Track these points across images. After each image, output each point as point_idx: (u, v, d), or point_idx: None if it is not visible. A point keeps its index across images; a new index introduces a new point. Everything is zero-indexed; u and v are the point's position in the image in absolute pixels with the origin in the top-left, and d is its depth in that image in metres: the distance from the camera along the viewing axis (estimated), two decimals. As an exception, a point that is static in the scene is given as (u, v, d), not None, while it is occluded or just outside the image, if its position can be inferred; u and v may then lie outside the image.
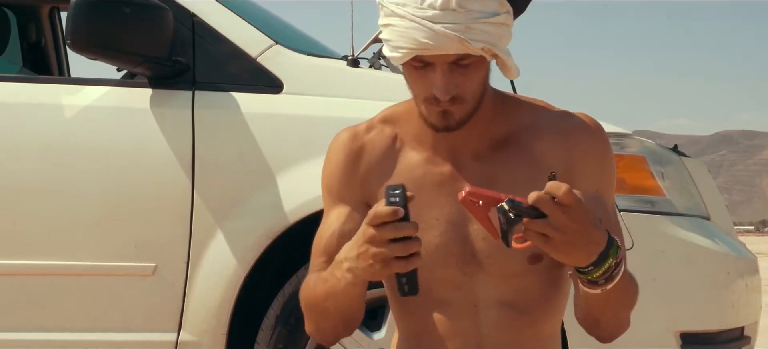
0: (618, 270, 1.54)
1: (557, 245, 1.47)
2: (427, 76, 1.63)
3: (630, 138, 2.92)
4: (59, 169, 2.84)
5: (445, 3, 1.57)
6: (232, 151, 2.80)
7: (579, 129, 1.71)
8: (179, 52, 2.85)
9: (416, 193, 1.66)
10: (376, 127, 1.77)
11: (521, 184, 1.65)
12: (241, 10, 3.04)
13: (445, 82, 1.62)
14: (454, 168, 1.71)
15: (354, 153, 1.76)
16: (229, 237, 2.76)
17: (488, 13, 1.60)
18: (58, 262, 2.81)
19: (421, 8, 1.58)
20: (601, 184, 1.70)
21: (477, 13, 1.58)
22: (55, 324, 2.82)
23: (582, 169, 1.69)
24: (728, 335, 2.93)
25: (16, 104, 2.91)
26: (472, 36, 1.58)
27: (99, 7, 2.73)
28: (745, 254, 3.05)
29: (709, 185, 3.15)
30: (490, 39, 1.60)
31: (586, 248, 1.49)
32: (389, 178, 1.73)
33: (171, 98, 2.85)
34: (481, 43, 1.59)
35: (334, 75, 2.96)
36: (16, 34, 4.27)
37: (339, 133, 1.81)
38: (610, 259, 1.52)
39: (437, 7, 1.57)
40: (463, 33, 1.57)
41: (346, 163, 1.76)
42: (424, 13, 1.58)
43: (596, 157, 1.71)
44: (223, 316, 2.76)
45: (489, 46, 1.60)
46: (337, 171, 1.77)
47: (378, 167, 1.75)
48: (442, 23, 1.57)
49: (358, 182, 1.76)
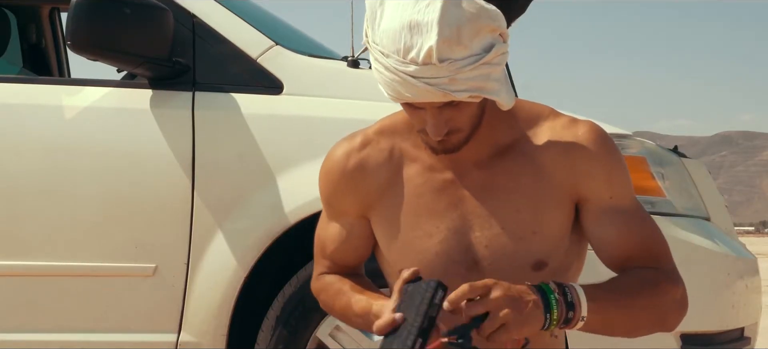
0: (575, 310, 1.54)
1: (513, 323, 1.49)
2: (419, 113, 1.62)
3: (630, 139, 2.92)
4: (59, 170, 2.84)
5: (426, 58, 1.52)
6: (233, 152, 2.80)
7: (582, 140, 1.69)
8: (179, 52, 2.85)
9: (417, 201, 1.66)
10: (371, 141, 1.77)
11: (522, 192, 1.65)
12: (241, 10, 3.04)
13: (435, 123, 1.60)
14: (455, 175, 1.70)
15: (349, 172, 1.77)
16: (230, 238, 2.76)
17: (476, 56, 1.54)
18: (58, 263, 2.81)
19: (404, 62, 1.53)
20: (613, 190, 1.69)
21: (462, 61, 1.53)
22: (55, 325, 2.82)
23: (589, 182, 1.68)
24: (728, 335, 2.93)
25: (16, 105, 2.91)
26: (456, 87, 1.54)
27: (99, 7, 2.73)
28: (746, 255, 3.05)
29: (709, 185, 3.15)
30: (477, 84, 1.55)
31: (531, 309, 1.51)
32: (389, 191, 1.74)
33: (171, 99, 2.85)
34: (466, 92, 1.55)
35: (334, 76, 2.96)
36: (16, 35, 4.27)
37: (333, 149, 1.80)
38: (551, 297, 1.54)
39: (419, 62, 1.52)
40: (446, 86, 1.53)
41: (342, 181, 1.77)
42: (406, 68, 1.53)
43: (602, 166, 1.69)
44: (223, 317, 2.76)
45: (476, 93, 1.56)
46: (334, 189, 1.79)
47: (376, 182, 1.75)
48: (423, 78, 1.53)
49: (355, 199, 1.77)
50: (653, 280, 1.66)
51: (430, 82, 1.53)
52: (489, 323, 1.48)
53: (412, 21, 1.52)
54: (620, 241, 1.68)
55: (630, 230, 1.68)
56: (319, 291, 1.86)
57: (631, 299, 1.62)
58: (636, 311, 1.63)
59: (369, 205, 1.77)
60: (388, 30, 1.55)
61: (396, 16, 1.54)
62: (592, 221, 1.69)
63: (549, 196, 1.68)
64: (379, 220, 1.77)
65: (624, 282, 1.65)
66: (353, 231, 1.79)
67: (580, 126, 1.71)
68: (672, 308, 1.67)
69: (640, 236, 1.69)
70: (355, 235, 1.80)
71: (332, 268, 1.85)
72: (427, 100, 1.56)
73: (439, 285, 1.51)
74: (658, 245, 1.71)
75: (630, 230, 1.68)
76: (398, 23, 1.53)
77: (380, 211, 1.76)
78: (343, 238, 1.80)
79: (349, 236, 1.80)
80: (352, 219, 1.79)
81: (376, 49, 1.58)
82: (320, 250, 1.85)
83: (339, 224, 1.80)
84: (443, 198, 1.70)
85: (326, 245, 1.83)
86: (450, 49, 1.51)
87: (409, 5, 1.53)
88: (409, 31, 1.52)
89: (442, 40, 1.50)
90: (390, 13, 1.55)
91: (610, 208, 1.67)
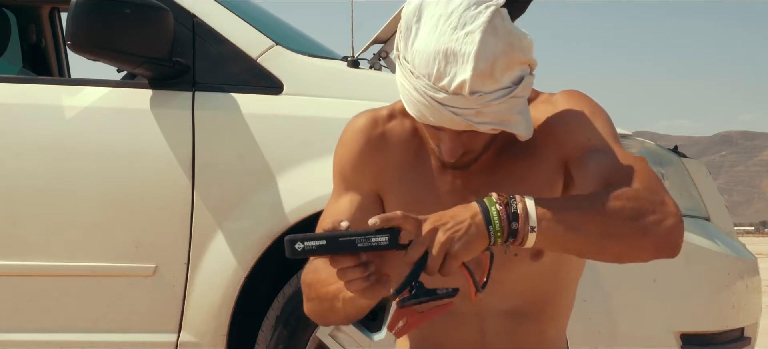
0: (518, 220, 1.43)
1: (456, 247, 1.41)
2: (437, 132, 1.59)
3: (630, 139, 2.92)
4: (59, 169, 2.84)
5: (457, 89, 1.48)
6: (233, 152, 2.80)
7: (559, 107, 1.66)
8: (179, 52, 2.85)
9: (429, 196, 1.63)
10: (397, 117, 1.73)
11: (521, 187, 1.64)
12: (241, 10, 3.04)
13: (452, 147, 1.58)
14: (462, 180, 1.67)
15: (374, 141, 1.71)
16: (230, 238, 2.76)
17: (506, 90, 1.51)
18: (59, 263, 2.81)
19: (433, 88, 1.50)
20: (590, 133, 1.63)
21: (491, 94, 1.50)
22: (55, 325, 2.82)
23: (569, 141, 1.63)
24: (728, 335, 2.93)
25: (16, 105, 2.91)
26: (481, 119, 1.52)
27: (99, 7, 2.73)
28: (746, 255, 3.05)
29: (709, 185, 3.15)
30: (501, 118, 1.53)
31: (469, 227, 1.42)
32: (408, 172, 1.69)
33: (171, 99, 2.85)
34: (489, 125, 1.53)
35: (334, 76, 2.96)
36: (16, 35, 4.27)
37: (358, 117, 1.74)
38: (492, 209, 1.44)
39: (449, 91, 1.49)
40: (472, 117, 1.51)
41: (364, 150, 1.71)
42: (435, 94, 1.50)
43: (578, 118, 1.64)
44: (223, 317, 2.76)
45: (498, 126, 1.54)
46: (353, 157, 1.72)
47: (395, 160, 1.70)
48: (451, 107, 1.50)
49: (374, 171, 1.71)
50: (634, 190, 1.52)
51: (457, 112, 1.50)
52: (432, 259, 1.41)
53: (448, 49, 1.48)
54: (601, 169, 1.58)
55: (612, 158, 1.59)
56: (309, 281, 1.70)
57: (601, 203, 1.48)
58: (605, 216, 1.47)
59: (385, 182, 1.71)
60: (421, 52, 1.51)
61: (432, 40, 1.50)
62: (576, 170, 1.62)
63: (544, 173, 1.65)
64: (392, 200, 1.71)
65: (596, 191, 1.54)
66: (364, 207, 1.70)
67: (556, 97, 1.69)
68: (651, 215, 1.50)
69: (623, 164, 1.58)
70: (365, 210, 1.70)
71: None
72: (449, 127, 1.54)
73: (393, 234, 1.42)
74: (645, 173, 1.58)
75: (612, 158, 1.59)
76: (433, 47, 1.49)
77: (395, 191, 1.71)
78: (353, 211, 1.70)
79: (359, 210, 1.70)
80: (366, 194, 1.71)
81: (406, 67, 1.54)
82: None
83: (350, 195, 1.72)
84: (450, 201, 1.65)
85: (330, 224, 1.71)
86: (482, 82, 1.48)
87: (446, 31, 1.49)
88: (445, 58, 1.49)
89: (477, 73, 1.47)
90: (426, 35, 1.51)
91: (590, 149, 1.61)
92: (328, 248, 1.42)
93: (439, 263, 1.42)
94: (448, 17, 1.50)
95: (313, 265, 1.69)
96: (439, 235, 1.42)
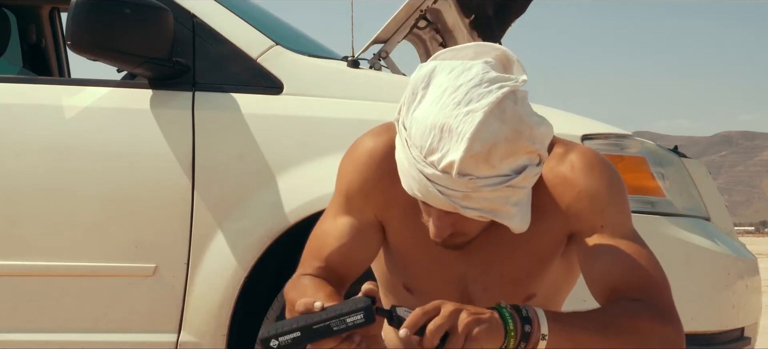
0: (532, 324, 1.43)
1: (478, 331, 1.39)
2: (426, 207, 1.54)
3: (630, 139, 2.92)
4: (59, 169, 2.84)
5: (446, 167, 1.42)
6: (233, 152, 2.80)
7: (573, 174, 1.60)
8: (179, 52, 2.86)
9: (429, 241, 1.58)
10: None
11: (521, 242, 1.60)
12: (241, 10, 3.04)
13: (439, 225, 1.52)
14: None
15: (388, 171, 1.61)
16: (230, 238, 2.76)
17: (502, 177, 1.43)
18: (59, 263, 2.81)
19: (424, 161, 1.44)
20: (604, 219, 1.59)
21: (483, 180, 1.42)
22: (55, 325, 2.82)
23: (580, 217, 1.60)
24: (728, 335, 2.93)
25: (16, 105, 2.91)
26: (468, 204, 1.45)
27: (99, 7, 2.73)
28: (746, 255, 3.05)
29: (709, 185, 3.15)
30: (492, 206, 1.46)
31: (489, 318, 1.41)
32: (409, 215, 1.63)
33: (171, 99, 2.85)
34: (476, 211, 1.46)
35: (334, 76, 2.96)
36: (16, 35, 4.27)
37: (375, 138, 1.67)
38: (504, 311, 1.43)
39: (438, 168, 1.42)
40: (458, 200, 1.44)
41: (375, 179, 1.65)
42: (424, 169, 1.44)
43: (593, 198, 1.59)
44: (223, 317, 2.76)
45: (487, 215, 1.47)
46: (363, 182, 1.66)
47: (404, 197, 1.59)
48: (438, 185, 1.44)
49: (382, 202, 1.66)
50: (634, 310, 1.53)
51: (444, 191, 1.44)
52: (454, 337, 1.38)
53: (445, 124, 1.41)
54: (609, 273, 1.57)
55: (621, 261, 1.57)
56: (289, 290, 1.67)
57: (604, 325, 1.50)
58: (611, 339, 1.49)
59: (391, 215, 1.66)
60: (419, 121, 1.44)
61: (432, 112, 1.43)
62: (582, 254, 1.61)
63: (546, 241, 1.63)
64: (393, 237, 1.67)
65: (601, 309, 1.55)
66: (364, 232, 1.66)
67: (571, 158, 1.62)
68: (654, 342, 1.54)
69: (630, 268, 1.57)
70: (365, 237, 1.66)
71: (322, 271, 1.68)
72: (434, 205, 1.48)
73: (367, 310, 1.39)
74: (651, 279, 1.59)
75: (621, 261, 1.57)
76: (431, 120, 1.42)
77: (397, 229, 1.66)
78: (352, 235, 1.65)
79: (358, 236, 1.65)
80: (367, 221, 1.66)
81: (403, 134, 1.48)
82: (316, 249, 1.70)
83: (352, 219, 1.66)
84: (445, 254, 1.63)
85: (327, 243, 1.68)
86: (475, 165, 1.41)
87: (449, 104, 1.42)
88: (440, 132, 1.41)
89: (470, 154, 1.40)
90: (428, 105, 1.44)
91: (601, 239, 1.57)
92: (304, 339, 1.38)
93: (462, 344, 1.39)
94: (455, 91, 1.42)
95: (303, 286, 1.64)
96: (463, 316, 1.39)
